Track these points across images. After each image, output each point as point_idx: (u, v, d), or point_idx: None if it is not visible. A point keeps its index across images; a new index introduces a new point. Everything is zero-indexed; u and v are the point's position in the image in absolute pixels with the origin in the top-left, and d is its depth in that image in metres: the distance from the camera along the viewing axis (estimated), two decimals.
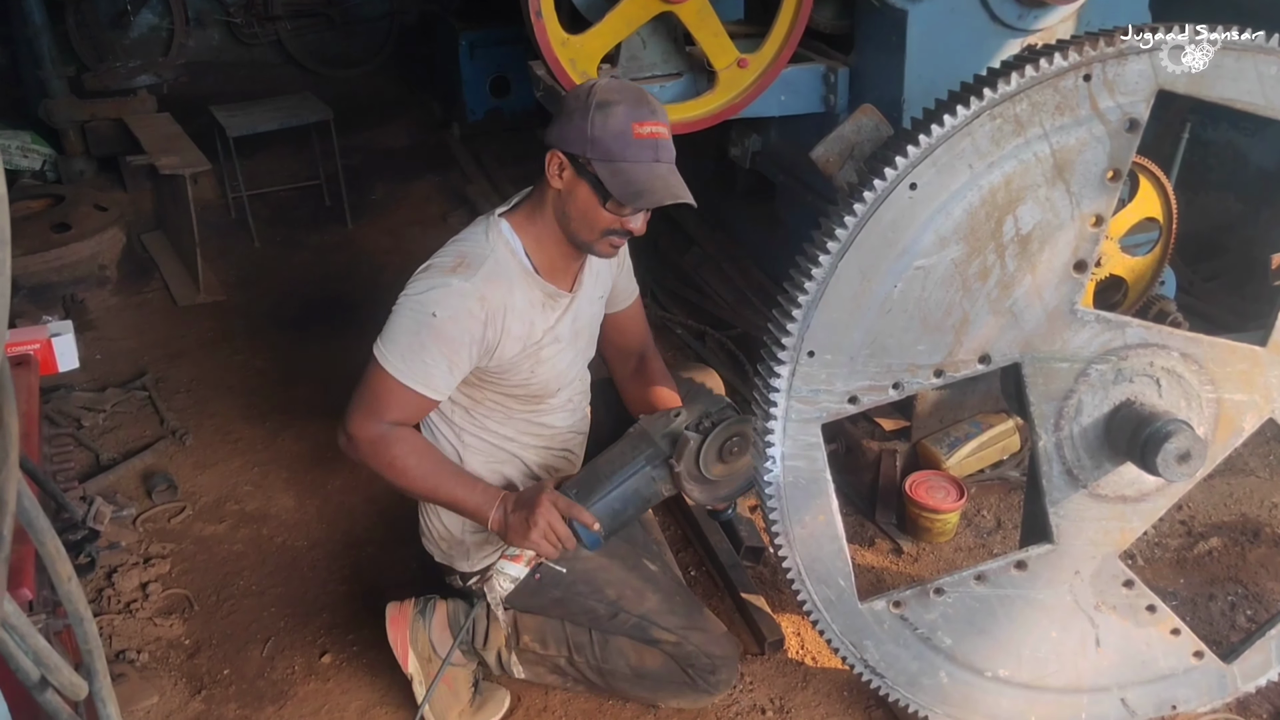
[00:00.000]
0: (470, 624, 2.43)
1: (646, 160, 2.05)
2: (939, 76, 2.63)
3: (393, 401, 2.12)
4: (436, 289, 2.10)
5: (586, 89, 2.08)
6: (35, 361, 2.24)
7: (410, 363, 2.09)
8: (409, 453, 2.15)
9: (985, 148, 1.82)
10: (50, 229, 4.68)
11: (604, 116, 2.02)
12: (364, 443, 2.15)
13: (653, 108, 2.08)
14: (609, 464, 2.20)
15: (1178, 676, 2.24)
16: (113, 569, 2.96)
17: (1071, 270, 1.91)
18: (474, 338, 2.11)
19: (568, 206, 2.13)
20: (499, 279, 2.13)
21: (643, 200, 2.05)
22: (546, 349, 2.24)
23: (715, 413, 2.19)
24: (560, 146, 2.08)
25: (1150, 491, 2.08)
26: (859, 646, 2.15)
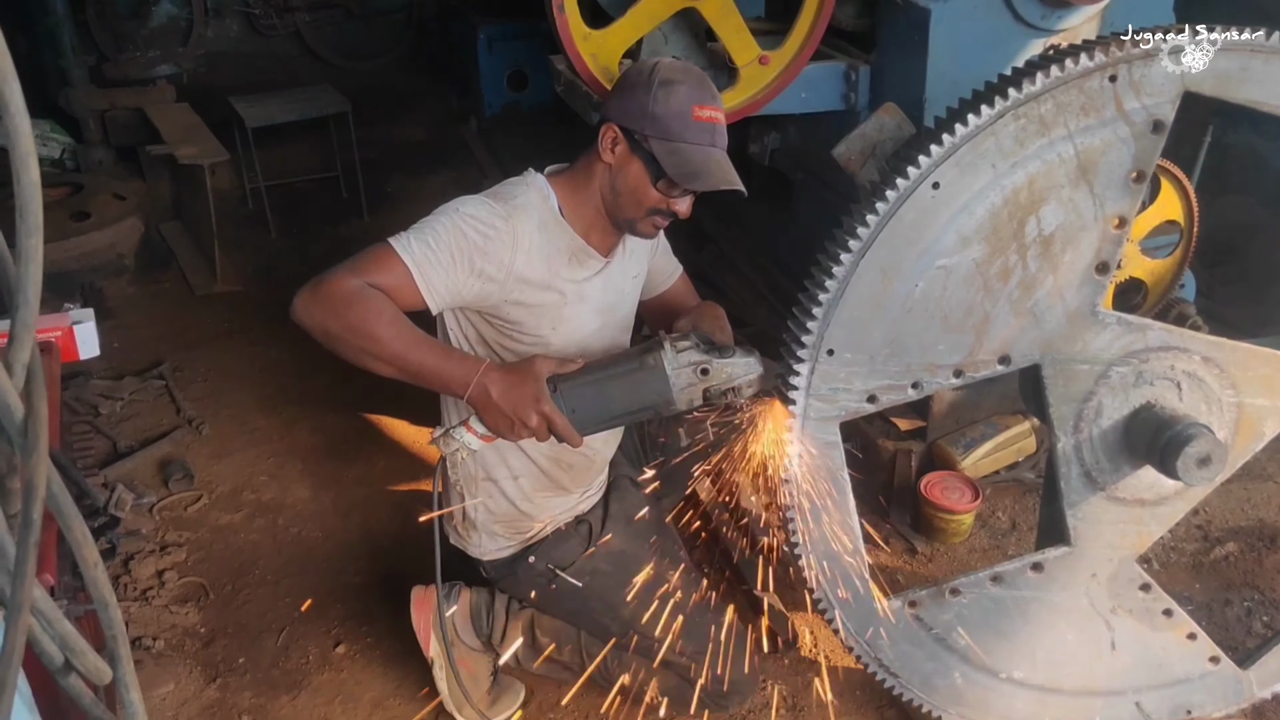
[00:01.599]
0: (490, 620, 2.43)
1: (704, 144, 2.03)
2: (961, 76, 2.62)
3: (380, 268, 1.95)
4: (469, 198, 2.08)
5: (650, 65, 2.06)
6: (57, 349, 2.25)
7: (415, 240, 1.98)
8: (383, 312, 1.92)
9: (1009, 148, 1.81)
10: (69, 217, 4.70)
11: (666, 94, 2.00)
12: (335, 294, 1.91)
13: (713, 92, 2.08)
14: (607, 361, 2.02)
15: (1193, 681, 2.23)
16: (130, 556, 2.98)
17: (1094, 272, 1.90)
18: (486, 250, 2.00)
19: (617, 181, 2.09)
20: (528, 213, 2.07)
21: (698, 182, 2.03)
22: (571, 306, 2.14)
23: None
24: (618, 120, 2.05)
25: (1169, 495, 2.07)
26: (874, 645, 2.15)
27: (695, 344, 1.98)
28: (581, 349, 2.18)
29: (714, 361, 1.95)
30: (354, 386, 3.76)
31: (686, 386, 1.95)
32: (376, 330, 1.91)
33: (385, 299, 1.94)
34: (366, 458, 3.47)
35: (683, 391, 1.96)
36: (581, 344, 2.19)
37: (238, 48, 7.48)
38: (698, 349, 1.97)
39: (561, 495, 2.34)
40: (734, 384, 1.96)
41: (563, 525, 2.36)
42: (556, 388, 1.95)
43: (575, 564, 2.33)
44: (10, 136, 0.81)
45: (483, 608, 2.45)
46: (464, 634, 2.43)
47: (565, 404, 1.95)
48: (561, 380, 1.96)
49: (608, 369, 1.98)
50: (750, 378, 1.97)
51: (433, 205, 5.31)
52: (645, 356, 1.96)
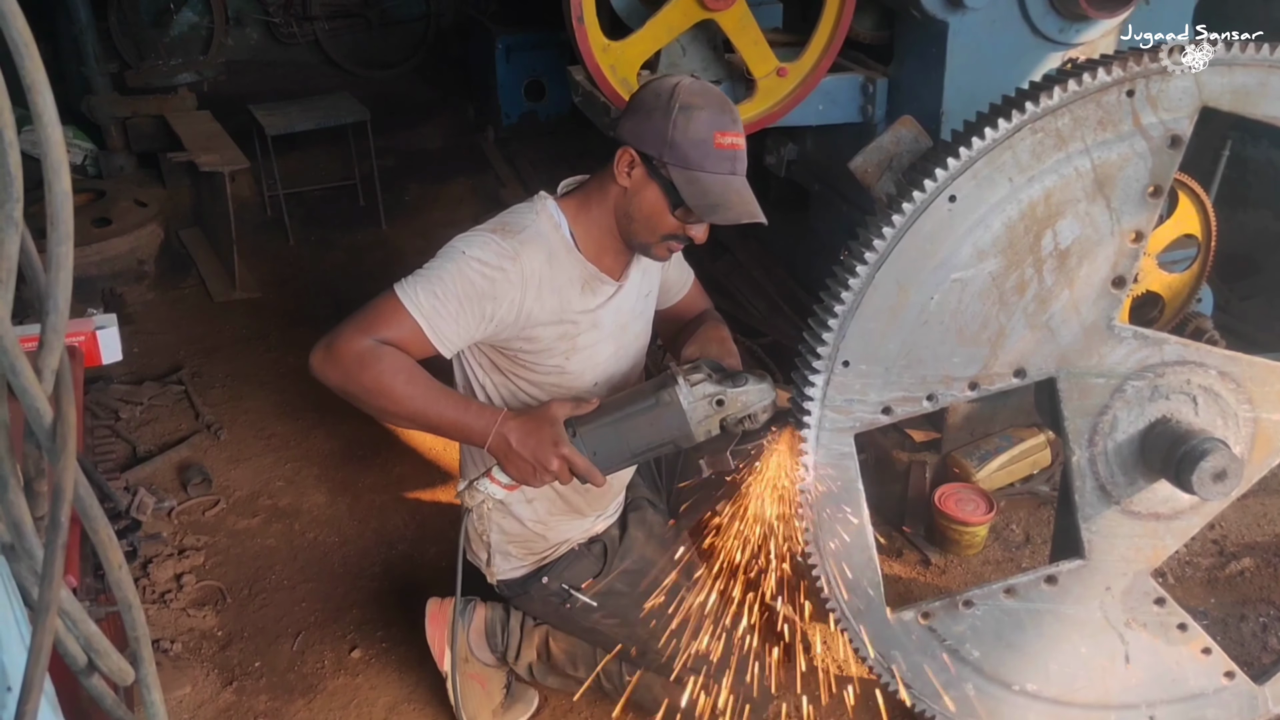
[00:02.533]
0: (505, 637, 2.43)
1: (724, 172, 1.97)
2: (979, 89, 2.63)
3: (390, 323, 1.93)
4: (474, 237, 2.00)
5: (669, 87, 1.97)
6: (80, 353, 2.28)
7: (422, 292, 1.93)
8: (399, 370, 1.92)
9: (1026, 161, 1.82)
10: (91, 223, 4.74)
11: (686, 120, 1.93)
12: (348, 355, 1.91)
13: (734, 116, 2.00)
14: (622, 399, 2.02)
15: (1208, 696, 2.22)
16: (148, 560, 3.00)
17: (1110, 286, 1.91)
18: (495, 294, 1.96)
19: (632, 206, 2.02)
20: (538, 246, 2.01)
21: (718, 215, 1.97)
22: (584, 335, 2.11)
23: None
24: (635, 144, 1.97)
25: (1184, 509, 2.07)
26: (887, 656, 2.15)
27: (708, 374, 1.97)
28: (598, 374, 2.18)
29: (728, 391, 1.95)
30: None
31: (704, 419, 1.96)
32: (393, 390, 1.92)
33: (397, 355, 1.93)
34: (382, 464, 3.49)
35: (700, 424, 1.97)
36: (597, 369, 2.18)
37: (258, 56, 7.54)
38: (710, 380, 1.97)
39: (577, 518, 2.32)
40: (749, 411, 1.96)
41: (577, 545, 2.33)
42: (575, 431, 1.97)
43: (590, 584, 2.31)
44: (43, 145, 0.83)
45: (497, 624, 2.44)
46: (478, 650, 2.43)
47: (585, 446, 1.98)
48: (579, 423, 1.97)
49: (624, 408, 1.99)
50: (764, 404, 1.97)
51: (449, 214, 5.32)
52: (660, 393, 1.96)
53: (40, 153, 0.83)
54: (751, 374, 1.99)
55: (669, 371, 1.99)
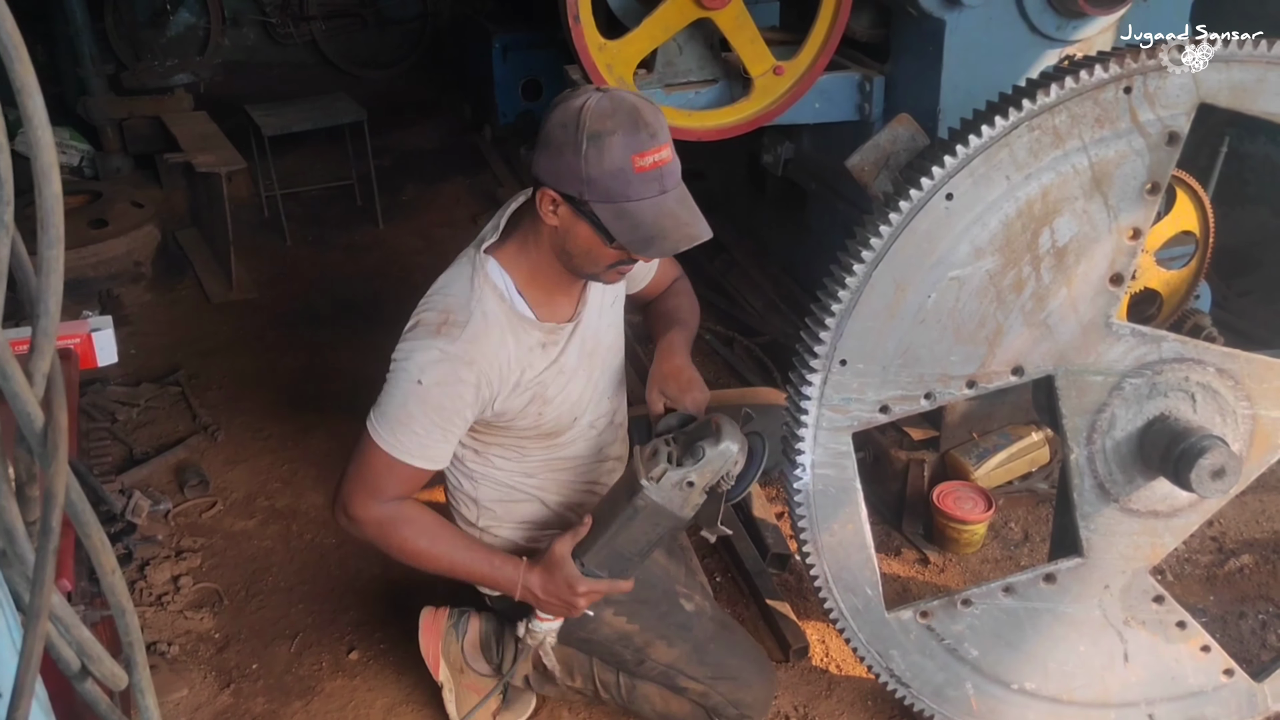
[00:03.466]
0: (500, 649, 2.42)
1: (652, 195, 1.83)
2: (976, 86, 2.63)
3: (390, 477, 1.99)
4: (420, 353, 1.94)
5: (574, 115, 1.81)
6: (75, 356, 2.27)
7: (401, 436, 1.95)
8: (419, 534, 2.03)
9: (1023, 159, 1.81)
10: (87, 225, 4.73)
11: (598, 151, 1.78)
12: (368, 525, 2.02)
13: (651, 129, 1.82)
14: (607, 513, 2.04)
15: (1207, 694, 2.22)
16: (145, 562, 2.99)
17: (1107, 283, 1.90)
18: (466, 402, 1.97)
19: (567, 244, 1.93)
20: (487, 335, 1.96)
21: (654, 248, 1.87)
22: (551, 387, 2.08)
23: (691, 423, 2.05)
24: (551, 184, 1.86)
25: (1183, 507, 2.07)
26: (885, 656, 2.15)
27: (669, 455, 1.95)
28: (576, 410, 2.18)
29: (691, 471, 1.91)
30: (368, 393, 3.77)
31: (683, 502, 1.95)
32: (418, 555, 2.06)
33: (413, 517, 2.04)
34: None
35: (683, 508, 1.95)
36: (575, 406, 2.17)
37: (254, 56, 7.53)
38: (672, 465, 1.93)
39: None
40: (720, 474, 1.94)
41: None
42: (582, 562, 2.04)
43: None
44: (33, 149, 0.82)
45: (492, 636, 2.42)
46: (474, 662, 2.42)
47: (596, 570, 2.05)
48: (582, 550, 2.04)
49: (611, 523, 2.00)
50: (730, 461, 1.92)
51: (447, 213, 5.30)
52: (634, 500, 1.94)
53: (31, 156, 0.82)
54: (708, 437, 1.93)
55: (632, 472, 1.97)
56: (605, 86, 1.90)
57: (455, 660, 2.42)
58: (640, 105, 1.85)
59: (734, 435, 1.93)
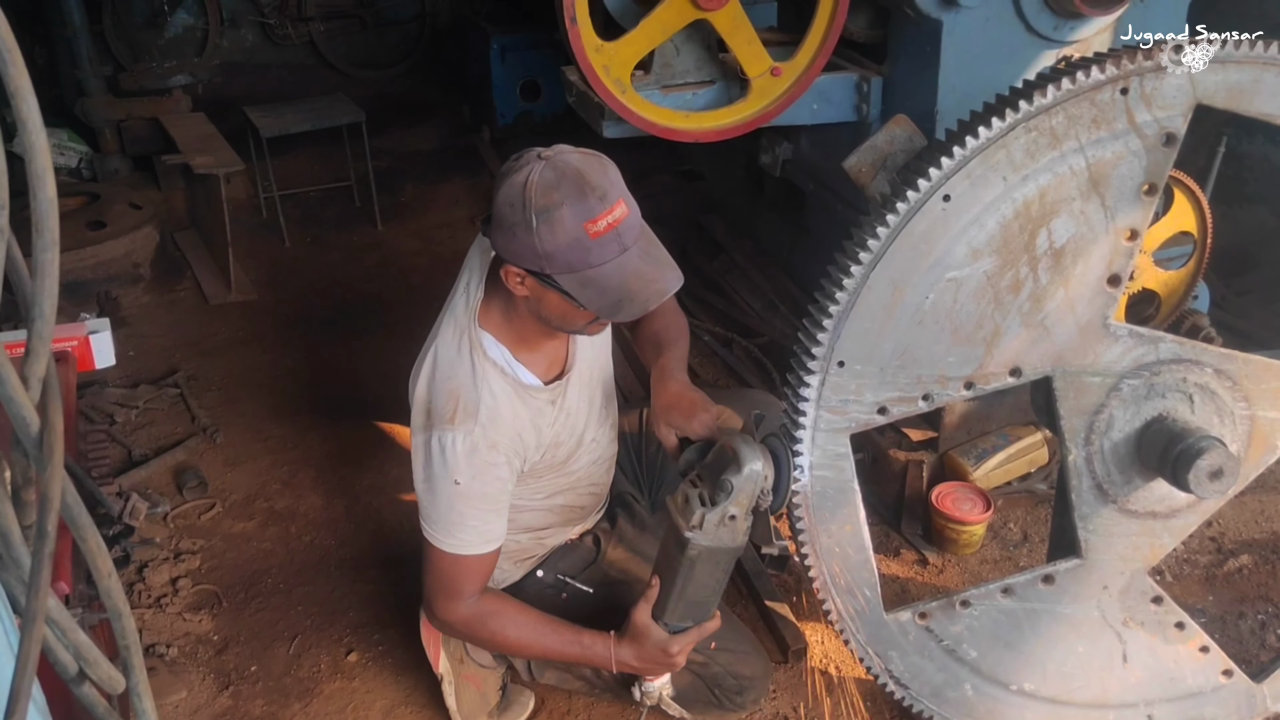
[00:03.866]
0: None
1: (613, 257, 1.82)
2: (973, 87, 2.63)
3: (465, 573, 2.07)
4: (445, 454, 1.96)
5: (519, 193, 1.79)
6: (73, 358, 2.27)
7: (461, 534, 2.02)
8: (506, 625, 2.12)
9: (1020, 160, 1.81)
10: (85, 227, 4.73)
11: (550, 227, 1.77)
12: (459, 625, 2.13)
13: (600, 191, 1.79)
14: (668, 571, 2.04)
15: (1206, 694, 2.22)
16: (144, 564, 3.00)
17: (1105, 284, 1.90)
18: (505, 479, 2.04)
19: (542, 311, 1.94)
20: (500, 416, 2.00)
21: (624, 311, 1.87)
22: (561, 432, 2.16)
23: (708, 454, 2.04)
24: (514, 262, 1.86)
25: (1181, 508, 2.07)
26: (884, 657, 2.15)
27: (700, 498, 1.95)
28: (582, 434, 2.23)
29: (729, 505, 1.92)
30: (367, 395, 3.78)
31: (733, 535, 1.95)
32: (507, 645, 2.18)
33: (498, 609, 2.12)
34: (379, 466, 3.48)
35: (735, 539, 1.96)
36: (578, 436, 2.22)
37: (252, 58, 7.53)
38: (706, 505, 1.93)
39: (570, 528, 2.40)
40: (756, 495, 1.94)
41: (569, 540, 2.40)
42: (665, 623, 2.07)
43: (585, 571, 2.37)
44: (27, 152, 0.82)
45: None
46: (473, 651, 2.43)
47: (680, 624, 2.08)
48: (659, 611, 2.07)
49: (676, 581, 2.01)
50: (758, 480, 1.92)
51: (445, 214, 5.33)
52: (686, 553, 1.96)
53: (25, 159, 0.82)
54: (729, 467, 1.93)
55: (675, 527, 1.97)
56: (546, 154, 1.85)
57: (455, 651, 2.42)
58: (584, 168, 1.82)
59: (753, 454, 1.91)
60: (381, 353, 4.01)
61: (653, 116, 2.82)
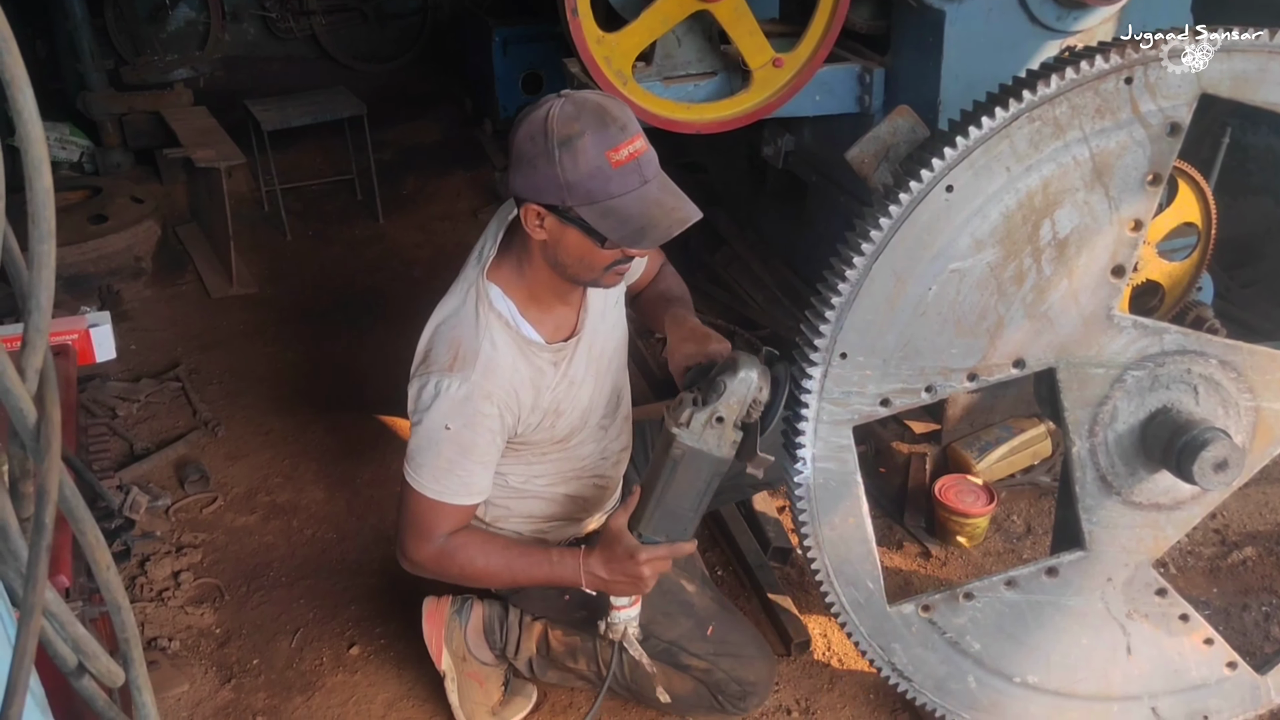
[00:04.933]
0: (504, 633, 2.43)
1: (634, 188, 1.82)
2: (976, 78, 2.62)
3: (440, 519, 2.05)
4: (440, 399, 1.95)
5: (540, 125, 1.81)
6: (73, 351, 2.27)
7: (444, 481, 2.01)
8: (475, 556, 2.09)
9: (1023, 151, 1.80)
10: (87, 220, 4.73)
11: (572, 156, 1.78)
12: (427, 562, 2.10)
13: (620, 123, 1.82)
14: (651, 476, 2.03)
15: (1210, 687, 2.22)
16: (146, 557, 2.99)
17: (1109, 275, 1.89)
18: (494, 432, 2.01)
19: (559, 255, 1.93)
20: (499, 368, 1.98)
21: (647, 239, 1.84)
22: (564, 400, 2.13)
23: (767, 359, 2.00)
24: (532, 199, 1.85)
25: (1185, 500, 2.06)
26: (887, 649, 2.14)
27: (694, 400, 1.93)
28: (587, 414, 2.21)
29: (718, 404, 1.90)
30: (369, 388, 3.78)
31: (718, 440, 1.93)
32: (477, 575, 2.12)
33: (466, 544, 2.08)
34: (381, 459, 3.47)
35: (720, 446, 1.93)
36: (586, 411, 2.21)
37: (254, 51, 7.52)
38: (697, 405, 1.92)
39: (576, 524, 2.38)
40: (748, 403, 1.91)
41: (574, 538, 2.38)
42: (639, 532, 2.02)
43: None
44: (23, 142, 0.82)
45: (495, 621, 2.44)
46: (476, 649, 2.43)
47: (654, 537, 2.02)
48: (635, 521, 2.02)
49: (657, 483, 1.98)
50: (753, 387, 1.91)
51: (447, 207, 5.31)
52: (670, 451, 1.93)
53: (21, 149, 0.82)
54: (725, 369, 1.93)
55: (664, 423, 1.97)
56: (565, 91, 1.89)
57: (458, 648, 2.42)
58: (604, 102, 1.85)
59: (751, 363, 1.92)
60: (383, 346, 4.00)
61: (654, 108, 2.81)
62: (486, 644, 2.44)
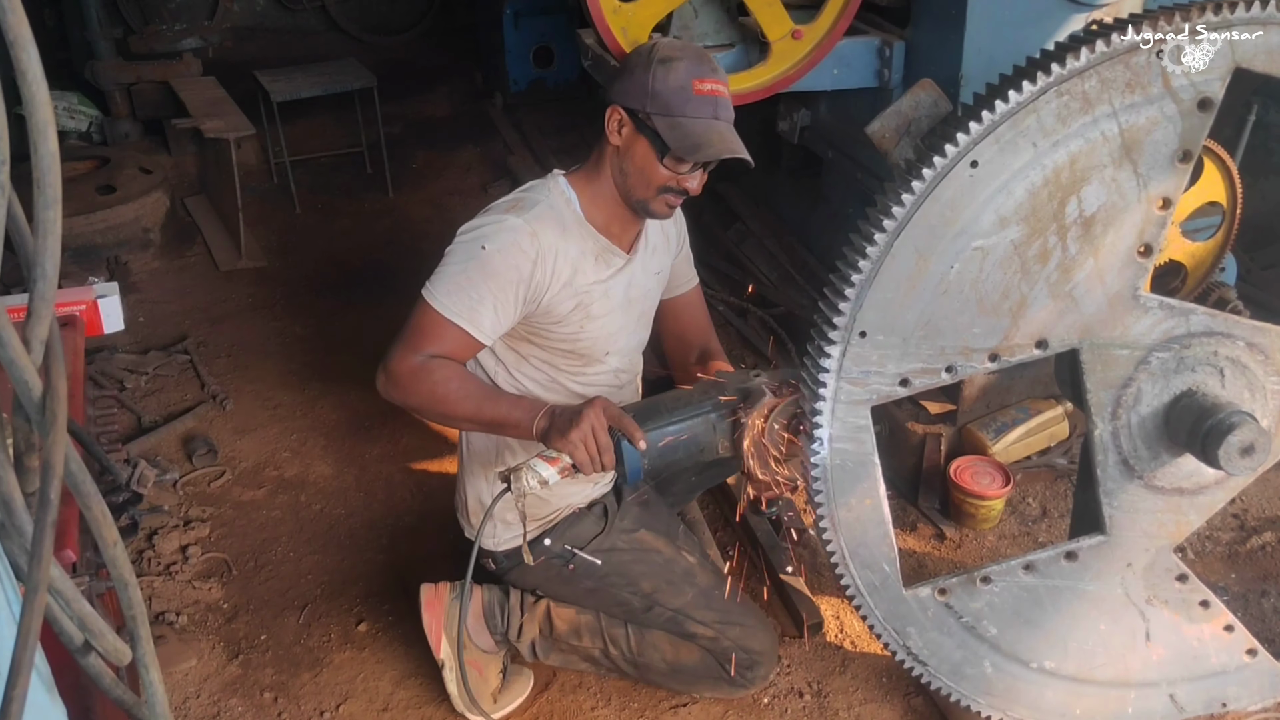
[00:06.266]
0: (505, 616, 2.41)
1: (705, 116, 2.05)
2: (998, 52, 2.57)
3: (436, 337, 2.06)
4: (489, 225, 2.08)
5: (649, 46, 2.11)
6: (81, 323, 2.24)
7: (455, 298, 2.04)
8: (450, 377, 2.06)
9: (1050, 125, 1.76)
10: (95, 191, 4.70)
11: (665, 71, 2.03)
12: (404, 374, 2.06)
13: (713, 66, 2.09)
14: (674, 399, 2.08)
15: (1229, 674, 2.19)
16: (153, 531, 2.98)
17: (1136, 254, 1.85)
18: (522, 276, 2.06)
19: (625, 163, 2.12)
20: (552, 220, 2.11)
21: (700, 153, 2.04)
22: (597, 304, 2.18)
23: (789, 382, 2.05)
24: (621, 101, 2.09)
25: (1209, 484, 2.02)
26: (902, 633, 2.12)
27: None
28: (610, 345, 2.26)
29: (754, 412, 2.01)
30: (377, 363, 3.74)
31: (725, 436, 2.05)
32: (447, 396, 2.07)
33: (447, 364, 2.07)
34: (389, 435, 3.45)
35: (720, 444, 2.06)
36: (610, 340, 2.25)
37: (263, 22, 7.46)
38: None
39: (579, 484, 2.33)
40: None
41: (577, 509, 2.36)
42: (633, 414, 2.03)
43: (593, 542, 2.33)
44: (27, 105, 0.78)
45: (495, 605, 2.42)
46: (476, 636, 2.41)
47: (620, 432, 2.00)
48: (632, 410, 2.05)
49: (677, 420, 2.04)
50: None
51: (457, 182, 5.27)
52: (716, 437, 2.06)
53: (25, 113, 0.79)
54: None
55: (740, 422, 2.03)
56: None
57: (457, 636, 2.40)
58: (707, 52, 2.16)
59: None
60: (392, 321, 3.92)
61: None
62: (487, 629, 2.42)
